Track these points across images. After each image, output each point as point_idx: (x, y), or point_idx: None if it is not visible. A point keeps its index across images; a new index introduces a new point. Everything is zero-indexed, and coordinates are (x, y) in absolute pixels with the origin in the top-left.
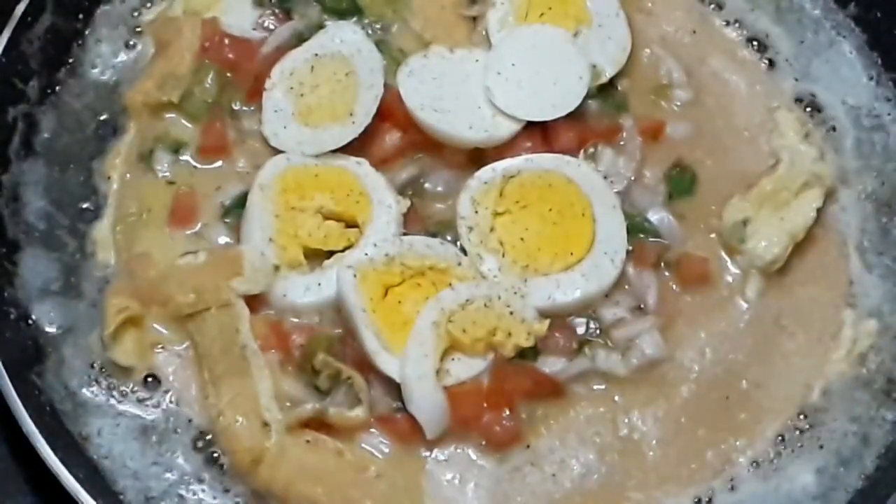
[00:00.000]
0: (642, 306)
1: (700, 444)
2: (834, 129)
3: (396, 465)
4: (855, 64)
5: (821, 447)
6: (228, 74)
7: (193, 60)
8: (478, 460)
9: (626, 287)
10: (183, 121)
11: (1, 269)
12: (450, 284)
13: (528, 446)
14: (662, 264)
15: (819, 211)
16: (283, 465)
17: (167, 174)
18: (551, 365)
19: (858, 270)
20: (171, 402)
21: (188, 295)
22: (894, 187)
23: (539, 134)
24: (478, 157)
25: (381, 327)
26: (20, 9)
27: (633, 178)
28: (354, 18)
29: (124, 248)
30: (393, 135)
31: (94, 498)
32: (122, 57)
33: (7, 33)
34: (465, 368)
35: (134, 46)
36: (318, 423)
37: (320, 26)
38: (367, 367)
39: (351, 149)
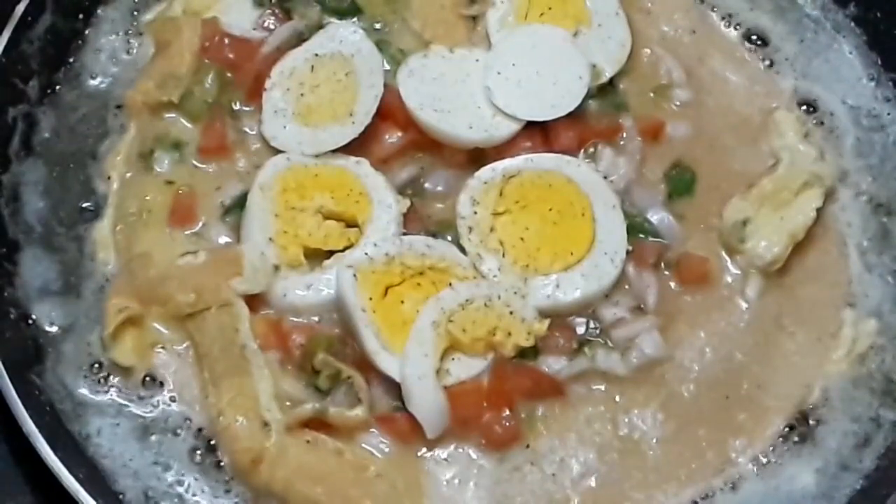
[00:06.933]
0: (642, 306)
1: (700, 444)
2: (834, 129)
3: (396, 464)
4: (855, 64)
5: (821, 447)
6: (228, 74)
7: (193, 60)
8: (478, 460)
9: (626, 287)
10: (183, 121)
11: (1, 269)
12: (450, 284)
13: (527, 446)
14: (662, 264)
15: (819, 211)
16: (283, 465)
17: (167, 174)
18: (551, 365)
19: (858, 270)
20: (171, 402)
21: (188, 295)
22: (894, 187)
23: (539, 134)
24: (478, 157)
25: (381, 327)
26: (20, 9)
27: (633, 178)
28: (354, 18)
29: (124, 248)
30: (393, 135)
31: (94, 498)
32: (122, 57)
33: (7, 33)
34: (465, 368)
35: (134, 46)
36: (318, 423)
37: (320, 26)
38: (367, 367)
39: (351, 149)
